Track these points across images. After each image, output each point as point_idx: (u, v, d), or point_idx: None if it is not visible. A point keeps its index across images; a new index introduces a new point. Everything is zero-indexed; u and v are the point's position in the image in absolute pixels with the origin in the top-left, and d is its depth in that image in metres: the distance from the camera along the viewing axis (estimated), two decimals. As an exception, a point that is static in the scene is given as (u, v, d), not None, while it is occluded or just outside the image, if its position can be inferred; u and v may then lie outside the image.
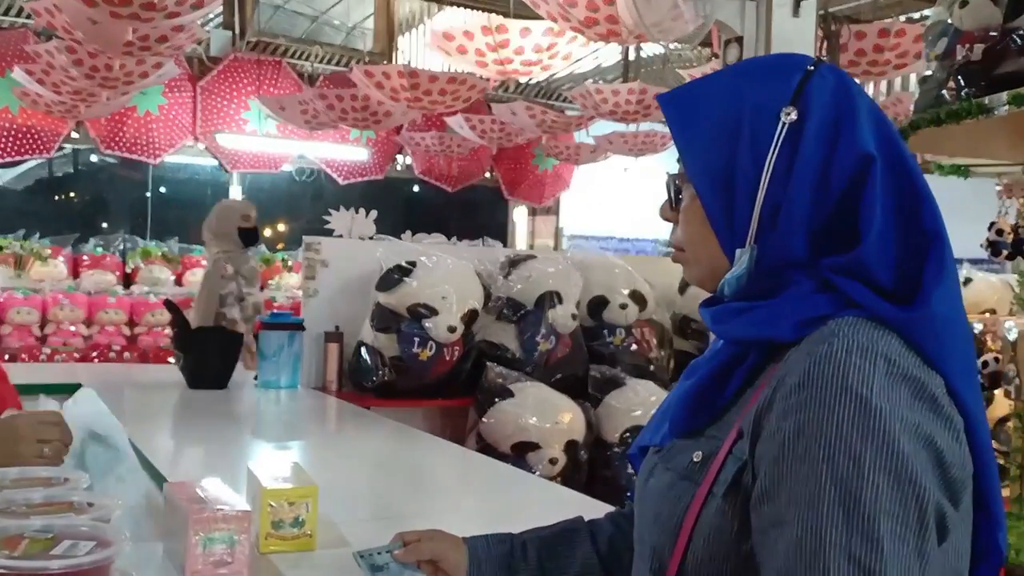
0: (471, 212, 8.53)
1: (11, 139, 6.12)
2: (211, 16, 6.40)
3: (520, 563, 1.14)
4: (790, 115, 0.87)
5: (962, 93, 2.38)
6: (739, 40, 3.03)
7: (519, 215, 8.59)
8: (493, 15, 4.40)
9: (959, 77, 2.40)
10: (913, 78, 5.36)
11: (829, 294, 0.84)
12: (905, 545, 0.73)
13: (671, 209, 0.99)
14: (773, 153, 0.86)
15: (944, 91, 2.44)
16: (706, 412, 0.90)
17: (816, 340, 0.81)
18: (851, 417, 0.75)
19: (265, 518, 1.35)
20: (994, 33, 2.33)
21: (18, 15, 6.09)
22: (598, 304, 3.85)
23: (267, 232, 7.86)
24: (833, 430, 0.75)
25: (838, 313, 0.82)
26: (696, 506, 0.85)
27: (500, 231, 8.52)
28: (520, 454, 3.35)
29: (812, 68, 0.90)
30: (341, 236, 3.78)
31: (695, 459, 0.88)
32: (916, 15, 5.93)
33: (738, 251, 0.89)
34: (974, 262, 4.37)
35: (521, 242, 8.43)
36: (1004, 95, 2.26)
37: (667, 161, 7.44)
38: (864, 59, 4.14)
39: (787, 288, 0.87)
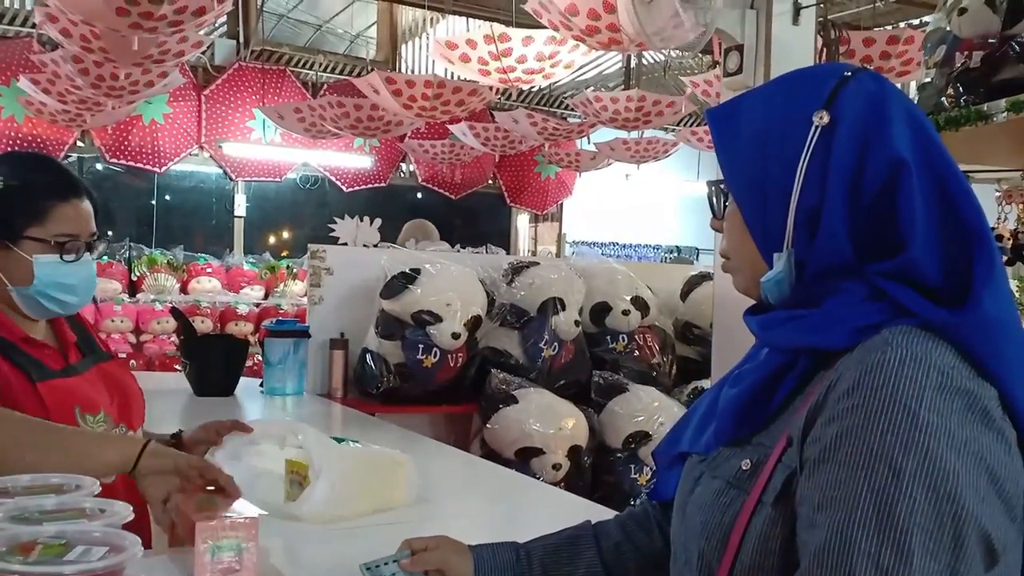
0: (474, 219, 8.55)
1: (17, 148, 6.15)
2: (215, 25, 6.43)
3: (525, 571, 1.15)
4: (822, 119, 0.87)
5: (961, 100, 2.40)
6: (739, 48, 3.06)
7: (522, 222, 8.62)
8: (496, 24, 4.43)
9: (958, 84, 2.42)
10: (913, 85, 5.38)
11: (880, 301, 0.84)
12: (936, 562, 0.72)
13: (717, 218, 1.00)
14: (805, 157, 0.87)
15: (943, 98, 2.46)
16: (754, 420, 0.90)
17: (869, 348, 0.80)
18: (896, 428, 0.75)
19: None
20: (993, 40, 2.35)
21: (23, 24, 6.13)
22: (601, 310, 3.87)
23: (271, 240, 7.88)
24: (877, 438, 0.75)
25: (891, 321, 0.82)
26: (745, 514, 0.85)
27: (503, 238, 8.54)
28: (524, 460, 3.37)
29: (849, 74, 0.90)
30: (346, 244, 3.80)
31: (744, 467, 0.88)
32: (916, 21, 5.95)
33: (775, 255, 0.89)
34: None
35: (524, 249, 8.45)
36: (1003, 102, 2.27)
37: (668, 168, 7.47)
38: (870, 66, 4.17)
39: (835, 295, 0.86)
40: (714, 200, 1.00)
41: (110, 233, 6.61)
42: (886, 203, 0.85)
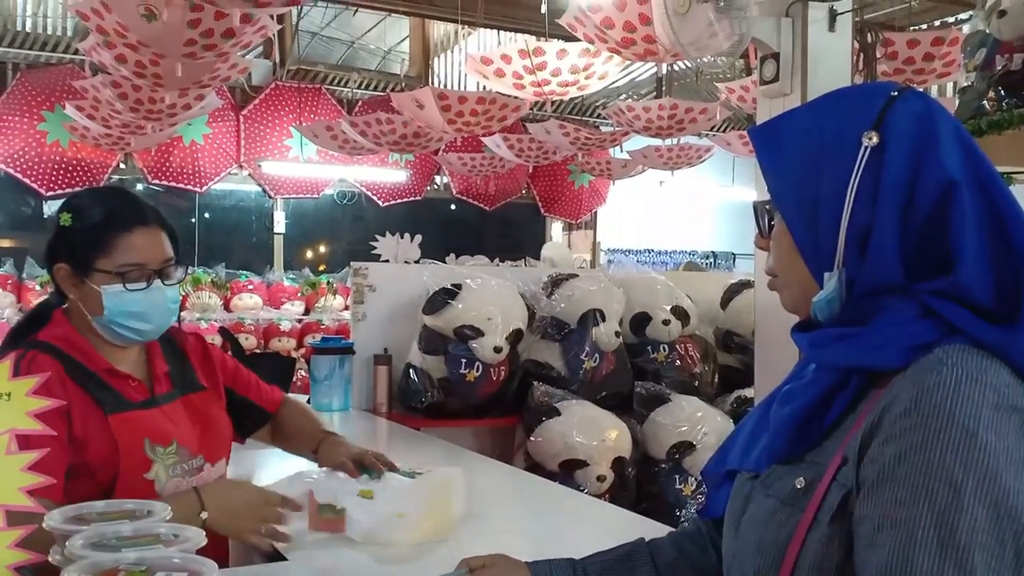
0: (508, 229, 8.58)
1: (62, 172, 6.31)
2: (252, 46, 6.55)
3: None
4: (872, 139, 0.88)
5: (1003, 103, 2.39)
6: (776, 56, 3.05)
7: (556, 231, 8.64)
8: (529, 37, 4.46)
9: (999, 87, 2.41)
10: (950, 87, 5.33)
11: (931, 320, 0.84)
12: None
13: (763, 237, 1.00)
14: (856, 177, 0.87)
15: (985, 101, 2.45)
16: (808, 439, 0.90)
17: (924, 368, 0.81)
18: (955, 447, 0.75)
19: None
20: (1033, 43, 2.34)
21: (65, 51, 6.28)
22: (641, 321, 3.87)
23: (309, 255, 7.98)
24: (936, 458, 0.76)
25: (943, 340, 0.82)
26: (801, 533, 0.85)
27: (537, 247, 8.56)
28: (568, 472, 3.38)
29: (896, 94, 0.91)
30: (387, 261, 3.85)
31: (798, 485, 0.88)
32: (951, 19, 5.89)
33: (826, 275, 0.90)
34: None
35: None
36: (1046, 104, 2.26)
37: (703, 174, 7.44)
38: (911, 67, 4.13)
39: (884, 313, 0.87)
40: (760, 219, 1.00)
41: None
42: (937, 222, 0.85)
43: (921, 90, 0.98)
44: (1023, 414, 0.78)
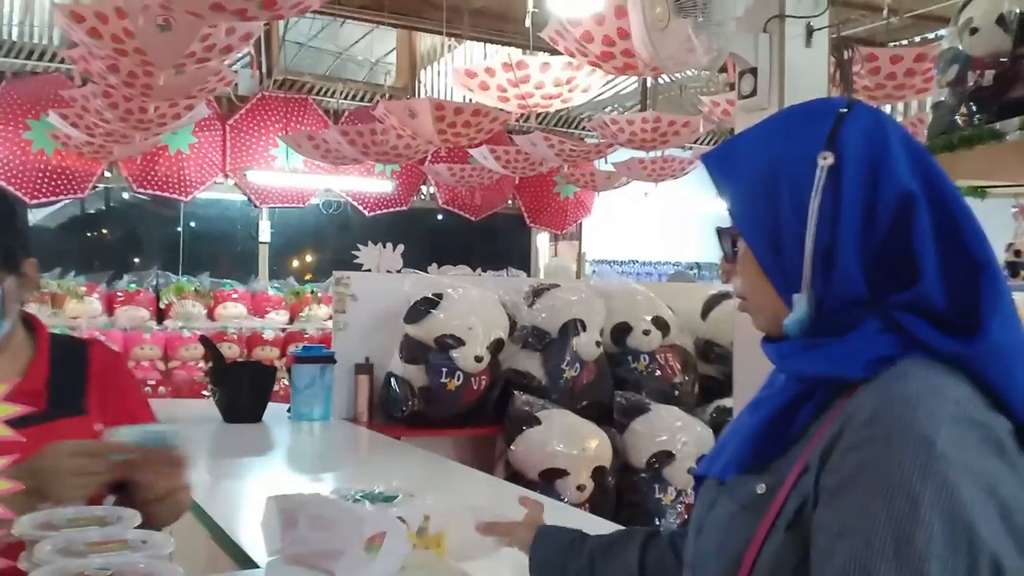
0: (494, 239, 8.62)
1: (46, 180, 6.30)
2: (239, 55, 6.56)
3: (574, 556, 1.26)
4: (827, 160, 0.88)
5: (974, 119, 2.43)
6: (753, 71, 3.09)
7: (542, 242, 8.67)
8: (514, 50, 4.50)
9: (971, 103, 2.45)
10: (929, 101, 5.38)
11: (894, 334, 0.85)
12: None
13: (728, 262, 1.01)
14: (815, 199, 0.87)
15: (957, 117, 2.49)
16: (773, 448, 0.91)
17: (887, 379, 0.82)
18: (914, 458, 0.76)
19: None
20: (1004, 59, 2.38)
21: (51, 60, 6.28)
22: (621, 331, 3.90)
23: (295, 264, 7.98)
24: (895, 468, 0.76)
25: (905, 354, 0.84)
26: (759, 538, 0.86)
27: (523, 257, 8.60)
28: (548, 481, 3.40)
29: (845, 110, 0.91)
30: (370, 270, 3.86)
31: (759, 491, 0.89)
32: (931, 35, 5.97)
33: (795, 297, 0.90)
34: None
35: (544, 268, 8.50)
36: (1016, 120, 2.29)
37: (687, 185, 7.49)
38: (892, 82, 4.18)
39: (850, 326, 0.88)
40: (724, 244, 1.00)
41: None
42: (898, 235, 0.86)
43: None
44: (981, 427, 0.79)
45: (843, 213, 0.87)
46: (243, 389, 3.32)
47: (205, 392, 3.93)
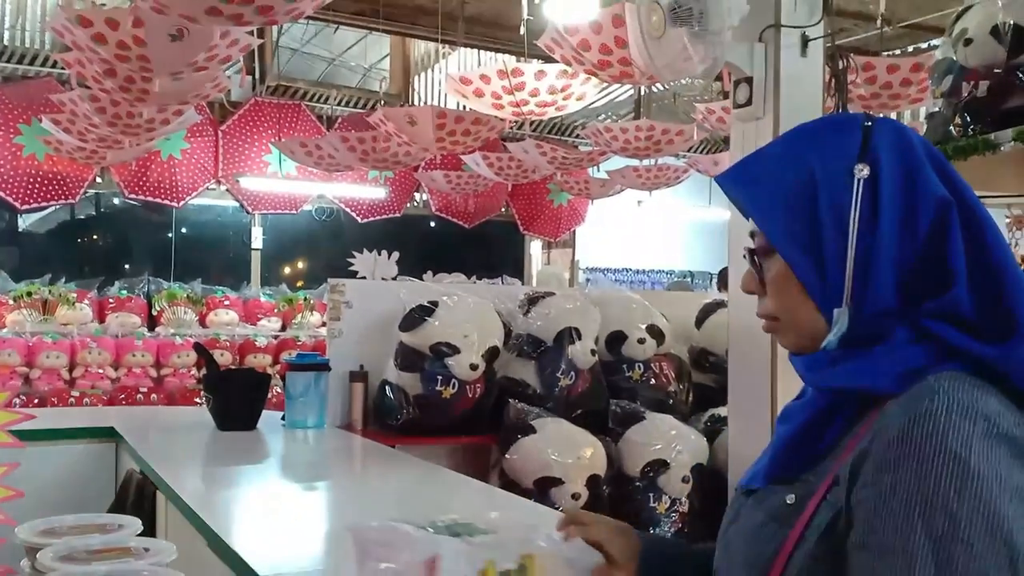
0: (488, 246, 8.63)
1: (38, 186, 6.27)
2: (232, 61, 6.56)
3: (682, 570, 1.13)
4: (863, 171, 0.88)
5: (968, 129, 2.45)
6: (749, 80, 3.10)
7: (535, 249, 8.69)
8: (508, 57, 4.51)
9: (965, 113, 2.47)
10: (922, 112, 5.42)
11: (925, 344, 0.86)
12: None
13: (757, 283, 0.99)
14: (855, 211, 0.88)
15: (951, 127, 2.51)
16: (804, 459, 0.91)
17: (916, 396, 0.82)
18: (949, 476, 0.77)
19: None
20: (998, 70, 2.40)
21: (43, 64, 6.26)
22: (616, 339, 3.90)
23: (287, 271, 7.96)
24: (931, 487, 0.77)
25: (936, 365, 0.84)
26: (787, 548, 0.86)
27: (516, 265, 8.61)
28: (543, 490, 3.39)
29: (870, 124, 0.92)
30: (364, 277, 3.85)
31: (788, 502, 0.89)
32: (924, 45, 6.01)
33: (836, 311, 0.90)
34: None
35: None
36: (1010, 131, 2.31)
37: (680, 194, 7.51)
38: (888, 91, 4.20)
39: (880, 336, 0.88)
40: (754, 264, 0.99)
41: None
42: (933, 243, 0.87)
43: (889, 116, 1.00)
44: (1012, 442, 0.79)
45: (882, 223, 0.88)
46: (237, 397, 3.30)
47: (198, 399, 3.91)
